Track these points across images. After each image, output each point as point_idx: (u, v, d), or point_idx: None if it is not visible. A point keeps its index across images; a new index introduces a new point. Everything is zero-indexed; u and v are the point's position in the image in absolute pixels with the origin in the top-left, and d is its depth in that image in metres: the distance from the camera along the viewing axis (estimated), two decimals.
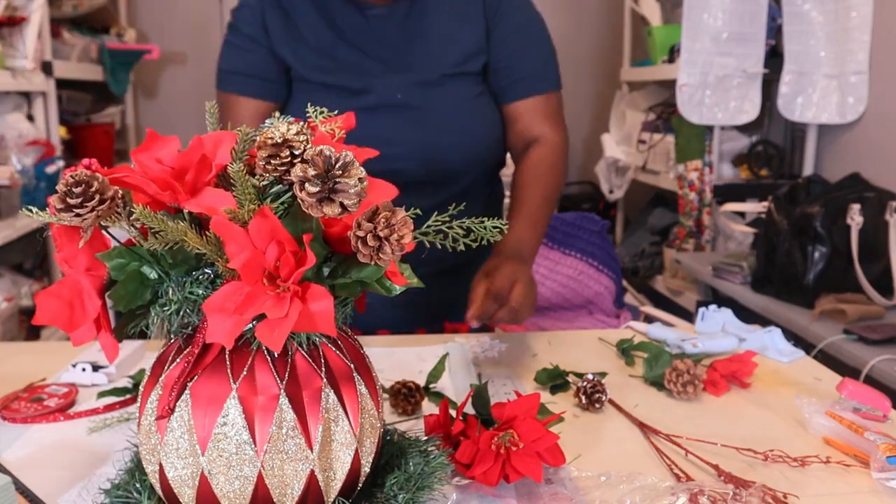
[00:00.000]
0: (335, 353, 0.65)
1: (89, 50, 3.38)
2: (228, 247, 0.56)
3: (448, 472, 0.75)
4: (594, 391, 0.98)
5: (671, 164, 3.12)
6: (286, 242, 0.57)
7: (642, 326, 1.29)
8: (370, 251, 0.56)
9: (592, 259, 2.32)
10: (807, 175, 2.62)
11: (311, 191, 0.54)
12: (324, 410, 0.62)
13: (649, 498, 0.75)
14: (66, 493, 0.78)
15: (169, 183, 0.58)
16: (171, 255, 0.59)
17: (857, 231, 2.05)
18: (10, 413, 0.95)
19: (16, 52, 2.69)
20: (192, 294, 0.60)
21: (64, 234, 0.61)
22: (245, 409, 0.60)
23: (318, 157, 0.54)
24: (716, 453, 0.86)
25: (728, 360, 1.07)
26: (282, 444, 0.61)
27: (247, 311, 0.55)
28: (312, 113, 0.71)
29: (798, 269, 2.11)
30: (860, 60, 2.51)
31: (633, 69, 3.57)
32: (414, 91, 1.25)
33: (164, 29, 3.92)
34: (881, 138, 2.46)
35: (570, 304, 2.38)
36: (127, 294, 0.61)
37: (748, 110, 2.78)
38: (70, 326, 0.61)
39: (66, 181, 0.56)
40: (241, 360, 0.62)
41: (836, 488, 0.80)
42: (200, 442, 0.61)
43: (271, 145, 0.59)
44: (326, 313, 0.56)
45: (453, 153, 1.27)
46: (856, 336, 1.81)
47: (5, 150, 2.69)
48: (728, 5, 2.70)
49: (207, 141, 0.62)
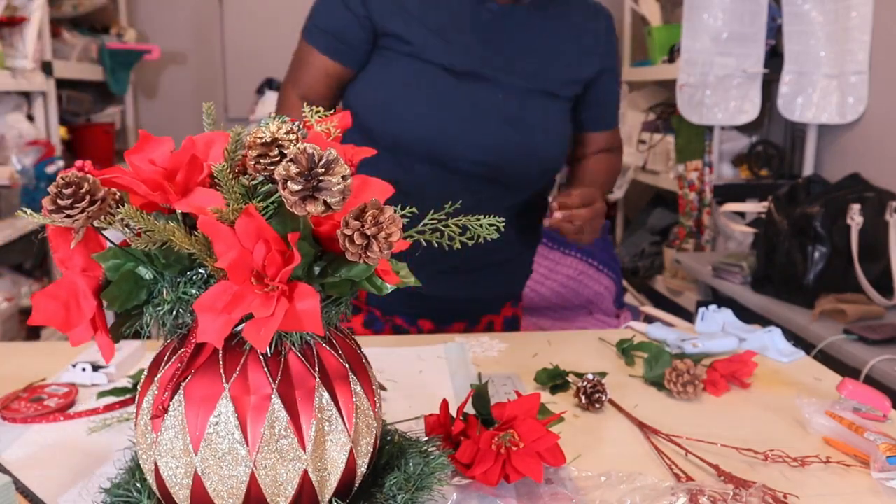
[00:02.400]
0: (330, 352, 0.65)
1: (89, 50, 3.38)
2: (216, 246, 0.56)
3: (448, 473, 0.75)
4: (594, 391, 0.98)
5: (671, 164, 3.12)
6: (273, 241, 0.57)
7: (642, 326, 1.28)
8: (358, 249, 0.56)
9: (592, 259, 2.32)
10: (807, 175, 2.62)
11: (294, 189, 0.53)
12: (317, 410, 0.62)
13: (649, 498, 0.75)
14: (66, 493, 0.78)
15: (159, 183, 0.58)
16: (164, 256, 0.59)
17: (857, 231, 2.05)
18: (10, 413, 0.95)
19: (16, 52, 2.70)
20: (185, 294, 0.60)
21: (59, 236, 0.61)
22: (237, 409, 0.60)
23: (301, 155, 0.54)
24: (716, 453, 0.86)
25: (728, 360, 1.07)
26: (274, 444, 0.61)
27: (235, 310, 0.55)
28: (309, 113, 0.70)
29: (798, 269, 2.11)
30: (860, 60, 2.51)
31: (633, 69, 3.57)
32: (514, 96, 1.27)
33: (164, 29, 3.92)
34: (881, 138, 2.46)
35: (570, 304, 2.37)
36: (122, 294, 0.61)
37: (748, 110, 2.78)
38: (66, 327, 0.61)
39: (56, 183, 0.56)
40: (233, 359, 0.62)
41: (836, 488, 0.80)
42: (193, 441, 0.61)
43: (261, 144, 0.58)
44: (313, 312, 0.56)
45: (531, 160, 1.30)
46: (856, 336, 1.81)
47: (5, 150, 2.69)
48: (728, 5, 2.70)
49: (199, 141, 0.62)
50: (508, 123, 1.26)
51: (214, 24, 3.95)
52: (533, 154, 1.29)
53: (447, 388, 1.05)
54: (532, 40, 1.29)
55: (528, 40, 1.29)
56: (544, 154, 1.31)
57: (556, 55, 1.31)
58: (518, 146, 1.27)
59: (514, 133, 1.26)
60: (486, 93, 1.25)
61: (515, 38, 1.28)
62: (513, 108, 1.27)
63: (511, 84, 1.27)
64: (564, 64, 1.32)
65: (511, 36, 1.28)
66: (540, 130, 1.29)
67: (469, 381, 1.06)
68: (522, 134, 1.27)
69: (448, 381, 1.08)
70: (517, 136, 1.27)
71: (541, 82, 1.29)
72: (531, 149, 1.28)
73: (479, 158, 1.25)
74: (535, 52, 1.29)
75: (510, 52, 1.27)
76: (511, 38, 1.28)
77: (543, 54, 1.30)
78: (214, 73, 3.98)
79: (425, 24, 1.25)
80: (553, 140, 1.32)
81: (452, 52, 1.25)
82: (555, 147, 1.33)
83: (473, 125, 1.24)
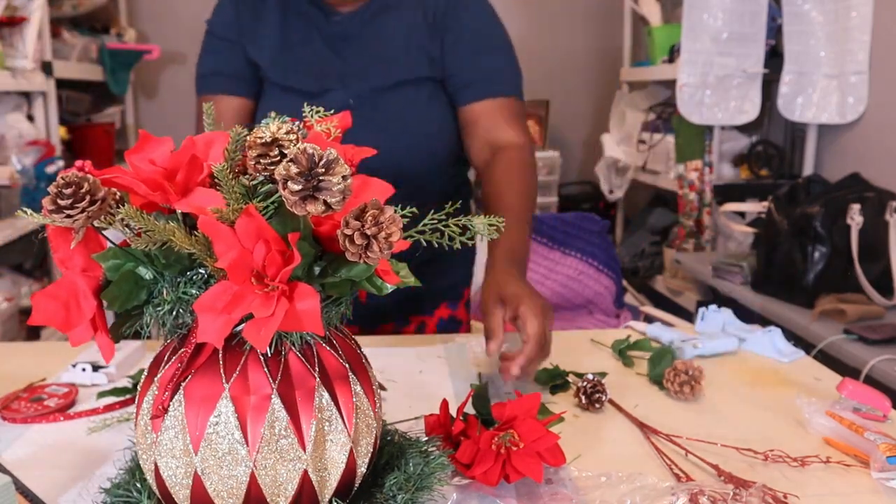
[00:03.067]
0: (330, 352, 0.65)
1: (89, 50, 3.38)
2: (216, 246, 0.56)
3: (448, 473, 0.75)
4: (594, 391, 0.98)
5: (671, 164, 3.12)
6: (273, 241, 0.57)
7: (642, 326, 1.28)
8: (358, 249, 0.56)
9: (592, 259, 2.33)
10: (807, 175, 2.62)
11: (295, 189, 0.53)
12: (317, 410, 0.62)
13: (649, 498, 0.75)
14: (66, 493, 0.78)
15: (159, 183, 0.58)
16: (164, 256, 0.59)
17: (857, 231, 2.05)
18: (10, 413, 0.95)
19: (16, 52, 2.69)
20: (185, 294, 0.60)
21: (59, 236, 0.61)
22: (237, 409, 0.60)
23: (301, 155, 0.54)
24: (716, 453, 0.86)
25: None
26: (274, 444, 0.61)
27: (235, 310, 0.55)
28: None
29: (798, 269, 2.11)
30: (860, 60, 2.51)
31: (633, 69, 3.57)
32: (367, 97, 1.27)
33: (164, 29, 3.92)
34: (881, 138, 2.46)
35: (570, 304, 2.38)
36: (122, 294, 0.61)
37: (748, 110, 2.78)
38: (66, 327, 0.61)
39: (56, 183, 0.56)
40: (233, 359, 0.62)
41: (836, 488, 0.80)
42: (193, 441, 0.61)
43: (261, 144, 0.58)
44: (313, 312, 0.56)
45: (407, 153, 1.27)
46: (856, 336, 1.81)
47: (5, 150, 2.69)
48: (728, 5, 2.70)
49: (199, 141, 0.62)
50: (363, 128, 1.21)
51: None
52: (400, 149, 1.25)
53: (447, 388, 1.05)
54: (373, 38, 1.29)
55: (373, 36, 1.29)
56: (415, 145, 1.28)
57: (402, 41, 1.29)
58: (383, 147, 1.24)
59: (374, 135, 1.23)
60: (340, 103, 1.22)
61: (360, 41, 1.29)
62: (369, 108, 1.26)
63: (363, 87, 1.27)
64: (408, 47, 1.28)
65: (357, 38, 1.29)
66: (401, 119, 1.27)
67: (469, 382, 1.06)
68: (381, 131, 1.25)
69: (448, 382, 1.08)
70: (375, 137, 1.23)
71: (392, 74, 1.27)
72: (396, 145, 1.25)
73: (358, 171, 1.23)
74: (377, 47, 1.29)
75: (356, 57, 1.28)
76: (358, 40, 1.29)
77: (389, 45, 1.29)
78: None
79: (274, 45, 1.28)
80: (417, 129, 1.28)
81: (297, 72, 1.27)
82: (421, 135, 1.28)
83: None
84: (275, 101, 1.28)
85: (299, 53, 1.29)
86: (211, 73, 1.33)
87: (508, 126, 1.28)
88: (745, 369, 1.13)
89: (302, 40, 1.29)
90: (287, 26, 1.30)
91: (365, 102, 1.27)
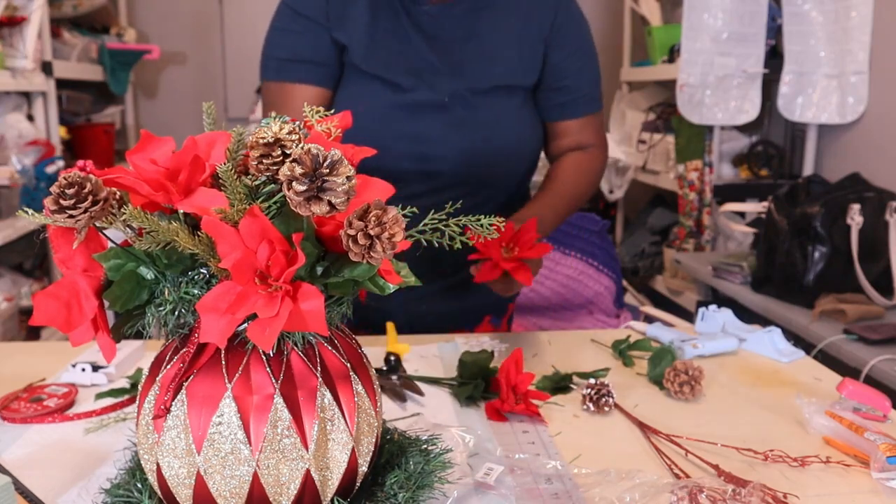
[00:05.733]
0: (332, 352, 0.65)
1: (89, 50, 3.38)
2: (220, 246, 0.56)
3: (448, 472, 0.75)
4: (599, 395, 0.97)
5: (671, 164, 3.12)
6: (277, 242, 0.57)
7: (642, 326, 1.28)
8: (361, 249, 0.56)
9: (592, 259, 2.32)
10: (807, 175, 2.62)
11: (299, 189, 0.54)
12: (319, 410, 0.62)
13: (649, 495, 0.75)
14: (66, 493, 0.78)
15: (162, 184, 0.58)
16: (166, 256, 0.59)
17: (857, 231, 2.05)
18: (10, 413, 0.95)
19: (16, 52, 2.69)
20: (187, 294, 0.60)
21: (61, 236, 0.61)
22: (240, 409, 0.60)
23: (305, 155, 0.54)
24: (716, 453, 0.86)
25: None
26: (277, 444, 0.61)
27: (239, 310, 0.55)
28: (309, 113, 0.70)
29: (798, 269, 2.11)
30: (860, 60, 2.51)
31: (633, 69, 3.57)
32: (461, 97, 1.24)
33: (164, 29, 3.92)
34: (881, 138, 2.46)
35: (570, 304, 2.38)
36: (123, 294, 0.61)
37: (748, 110, 2.78)
38: (67, 327, 0.61)
39: (59, 183, 0.56)
40: (236, 359, 0.62)
41: (836, 488, 0.80)
42: (196, 441, 0.61)
43: (263, 145, 0.58)
44: (317, 312, 0.56)
45: (492, 160, 1.26)
46: (856, 336, 1.81)
47: (5, 150, 2.69)
48: (728, 5, 2.70)
49: (201, 141, 0.62)
50: (453, 127, 1.23)
51: (214, 24, 3.95)
52: (485, 154, 1.25)
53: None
54: (477, 33, 1.25)
55: (471, 33, 1.25)
56: (501, 151, 1.26)
57: (503, 44, 1.26)
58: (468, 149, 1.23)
59: (462, 137, 1.23)
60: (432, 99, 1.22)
61: (459, 34, 1.25)
62: (462, 108, 1.23)
63: (458, 85, 1.23)
64: (510, 52, 1.26)
65: (454, 33, 1.25)
66: (494, 126, 1.25)
67: None
68: (470, 134, 1.24)
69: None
70: (465, 139, 1.23)
71: (490, 77, 1.25)
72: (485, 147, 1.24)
73: (437, 168, 1.22)
74: (480, 43, 1.25)
75: (455, 51, 1.24)
76: (454, 35, 1.25)
77: (489, 45, 1.26)
78: (214, 73, 3.98)
79: (367, 34, 1.22)
80: (507, 136, 1.27)
81: (391, 63, 1.22)
82: (510, 142, 1.27)
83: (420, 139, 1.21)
84: (359, 89, 1.23)
85: (390, 42, 1.23)
86: (291, 59, 1.23)
87: (593, 138, 1.35)
88: (745, 369, 1.14)
89: (391, 28, 1.23)
90: (376, 11, 1.23)
91: (457, 102, 1.23)
